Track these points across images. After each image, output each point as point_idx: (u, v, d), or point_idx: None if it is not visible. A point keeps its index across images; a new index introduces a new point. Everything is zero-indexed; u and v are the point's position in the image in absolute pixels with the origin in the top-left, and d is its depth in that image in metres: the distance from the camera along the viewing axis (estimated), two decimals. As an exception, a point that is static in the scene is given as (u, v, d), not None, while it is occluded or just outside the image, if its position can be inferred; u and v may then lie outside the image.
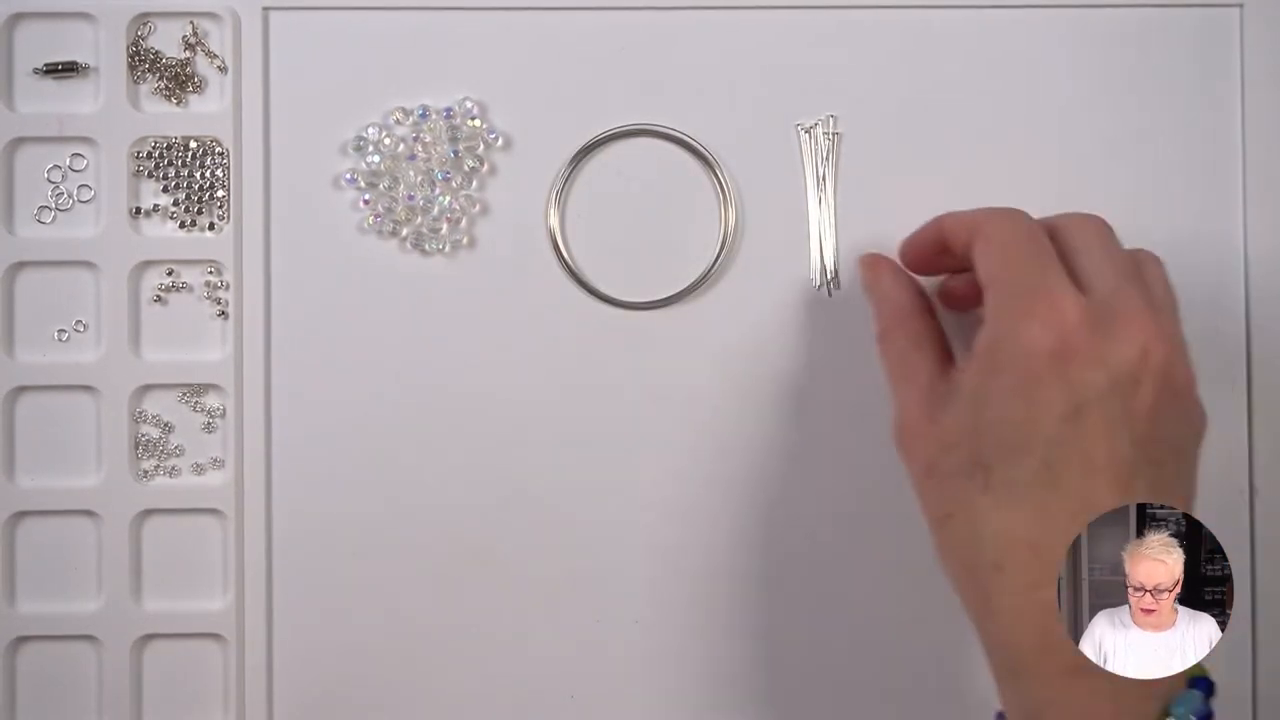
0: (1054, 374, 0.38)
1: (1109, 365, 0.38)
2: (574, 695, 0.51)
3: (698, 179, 0.51)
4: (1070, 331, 0.38)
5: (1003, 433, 0.39)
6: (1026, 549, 0.38)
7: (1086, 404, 0.38)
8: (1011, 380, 0.39)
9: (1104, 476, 0.38)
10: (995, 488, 0.39)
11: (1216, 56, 0.52)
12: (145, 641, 0.51)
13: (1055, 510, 0.38)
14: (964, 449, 0.40)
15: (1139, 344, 0.38)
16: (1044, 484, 0.38)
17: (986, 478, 0.39)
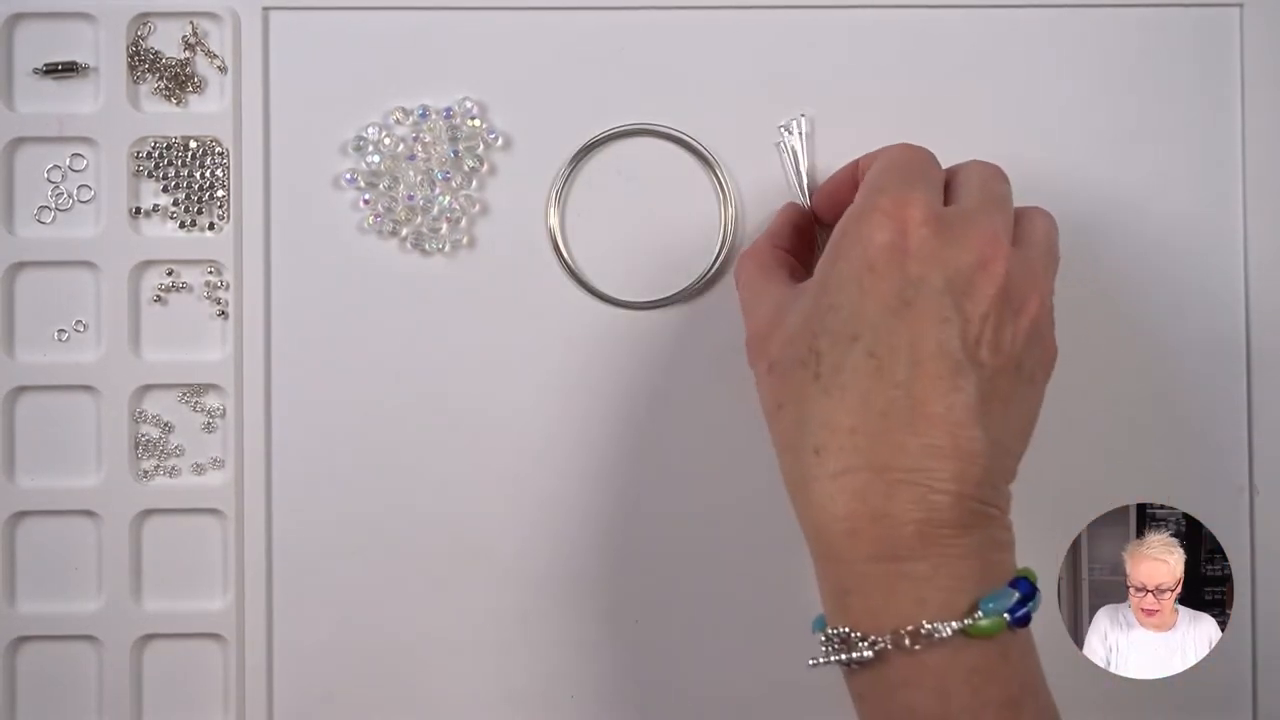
0: (889, 265, 0.39)
1: (944, 266, 0.39)
2: (574, 695, 0.51)
3: (698, 179, 0.51)
4: (911, 228, 0.39)
5: (836, 319, 0.40)
6: (846, 433, 0.39)
7: (918, 298, 0.39)
8: (849, 267, 0.40)
9: (929, 370, 0.39)
10: (824, 374, 0.40)
11: (1216, 56, 0.52)
12: (145, 641, 0.51)
13: (876, 398, 0.39)
14: (802, 339, 0.41)
15: (978, 253, 0.39)
16: (868, 372, 0.39)
17: (818, 365, 0.40)
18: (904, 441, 0.38)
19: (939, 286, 0.39)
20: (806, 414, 0.40)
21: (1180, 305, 0.52)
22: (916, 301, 0.39)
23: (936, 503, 0.38)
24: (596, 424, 0.51)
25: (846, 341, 0.39)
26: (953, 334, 0.39)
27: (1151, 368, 0.52)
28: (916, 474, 0.38)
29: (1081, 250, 0.51)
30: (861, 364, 0.39)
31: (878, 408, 0.39)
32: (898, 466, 0.38)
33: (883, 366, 0.39)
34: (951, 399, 0.38)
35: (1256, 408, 0.51)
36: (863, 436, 0.39)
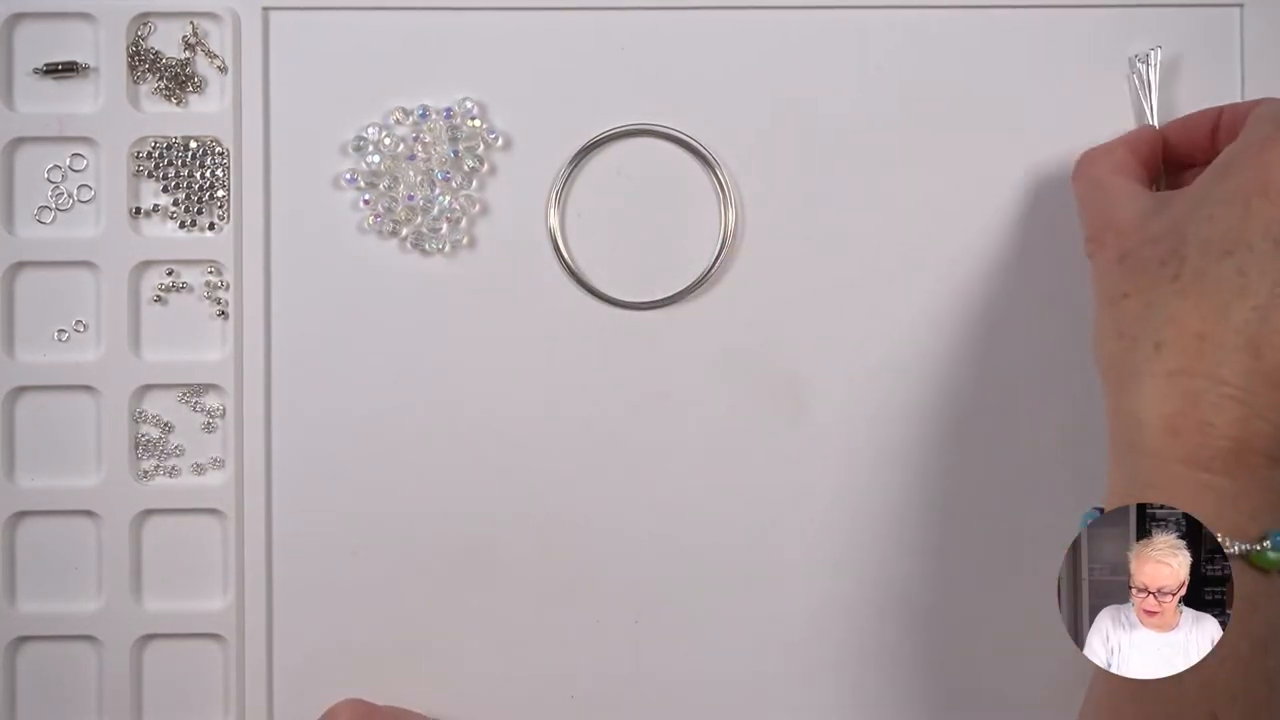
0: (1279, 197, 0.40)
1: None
2: (574, 695, 0.51)
3: (698, 179, 0.51)
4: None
5: (1212, 231, 0.40)
6: (1193, 337, 0.40)
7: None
8: (1237, 187, 0.40)
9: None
10: (1185, 277, 0.40)
11: (1216, 56, 0.52)
12: (145, 641, 0.51)
13: (1233, 313, 0.39)
14: (1167, 241, 0.41)
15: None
16: (1233, 288, 0.40)
17: (1180, 267, 0.41)
18: (1245, 362, 0.39)
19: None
20: (1155, 309, 0.41)
21: (1180, 305, 0.52)
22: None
23: (1258, 428, 0.39)
24: (596, 423, 0.51)
25: (1219, 253, 0.40)
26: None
27: (1152, 368, 0.51)
28: (1248, 394, 0.39)
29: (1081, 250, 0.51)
30: (1228, 277, 0.40)
31: (1232, 323, 0.39)
32: (1233, 383, 0.39)
33: (1248, 286, 0.40)
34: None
35: (1256, 408, 0.51)
36: (1209, 344, 0.40)
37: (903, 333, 0.51)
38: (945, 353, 0.51)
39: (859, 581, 0.51)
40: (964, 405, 0.51)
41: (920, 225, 0.51)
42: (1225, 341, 0.40)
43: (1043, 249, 0.51)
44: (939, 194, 0.51)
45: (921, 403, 0.51)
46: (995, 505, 0.51)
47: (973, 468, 0.51)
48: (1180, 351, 0.40)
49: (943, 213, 0.51)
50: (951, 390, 0.51)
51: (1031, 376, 0.51)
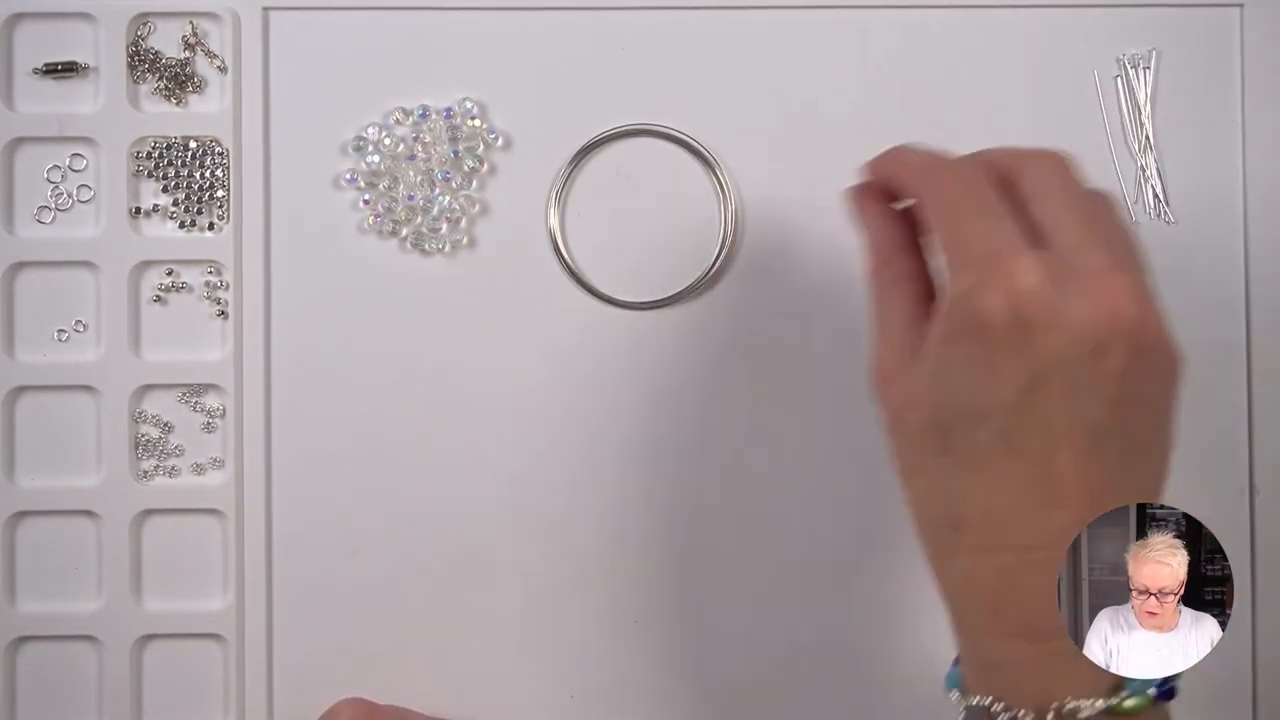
0: (1013, 343, 0.35)
1: (1072, 330, 0.35)
2: (574, 695, 0.51)
3: (698, 179, 0.51)
4: (1029, 298, 0.35)
5: (962, 400, 0.37)
6: (982, 513, 0.37)
7: (1048, 372, 0.35)
8: (970, 351, 0.36)
9: (1066, 443, 0.36)
10: (955, 450, 0.37)
11: (1216, 56, 0.52)
12: (145, 641, 0.51)
13: (1014, 476, 0.36)
14: (926, 408, 0.38)
15: (1106, 305, 0.35)
16: (1003, 451, 0.36)
17: (946, 440, 0.37)
18: (1045, 518, 0.36)
19: (1069, 356, 0.35)
20: (940, 487, 0.38)
21: (1180, 306, 0.52)
22: (1047, 376, 0.35)
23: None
24: (596, 423, 0.51)
25: (976, 421, 0.36)
26: (1090, 402, 0.36)
27: (1151, 368, 0.52)
28: (1060, 549, 0.36)
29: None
30: (995, 444, 0.36)
31: (1015, 487, 0.36)
32: (1040, 545, 0.36)
33: (1016, 446, 0.36)
34: (1090, 469, 0.36)
35: (1256, 408, 0.51)
36: (1002, 516, 0.36)
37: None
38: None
39: (859, 581, 0.51)
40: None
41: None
42: (1015, 508, 0.36)
43: (1043, 249, 0.51)
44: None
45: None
46: (995, 505, 0.51)
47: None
48: (977, 531, 0.37)
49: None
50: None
51: (1031, 377, 0.51)
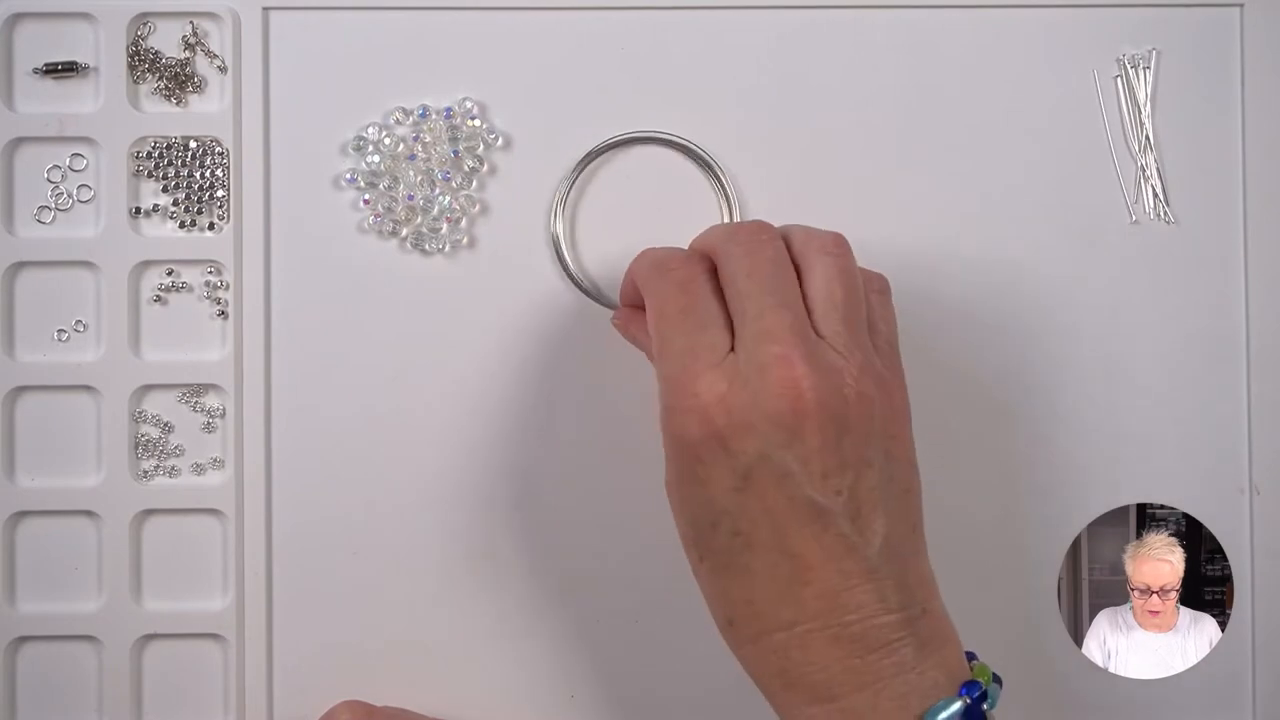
0: (712, 452, 0.38)
1: (761, 425, 0.38)
2: (574, 695, 0.51)
3: (698, 182, 0.51)
4: (715, 412, 0.38)
5: (691, 510, 0.39)
6: (744, 605, 0.39)
7: (751, 468, 0.38)
8: (681, 467, 0.39)
9: (792, 526, 0.38)
10: (705, 556, 0.40)
11: (1216, 56, 0.52)
12: (145, 641, 0.51)
13: (757, 568, 0.38)
14: (679, 520, 0.40)
15: (787, 394, 0.37)
16: (740, 549, 0.39)
17: (697, 548, 0.40)
18: (798, 595, 0.38)
19: (766, 448, 0.38)
20: (708, 588, 0.40)
21: (1180, 305, 0.52)
22: (752, 472, 0.38)
23: (852, 634, 0.38)
24: (596, 424, 0.51)
25: (709, 528, 0.39)
26: (799, 483, 0.38)
27: (1151, 368, 0.52)
28: (822, 619, 0.38)
29: (1080, 251, 0.51)
30: (730, 543, 0.39)
31: (762, 576, 0.38)
32: (802, 620, 0.38)
33: (750, 540, 0.38)
34: (824, 540, 0.38)
35: (1256, 407, 0.52)
36: (760, 604, 0.39)
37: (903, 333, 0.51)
38: (945, 352, 0.51)
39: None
40: (962, 404, 0.51)
41: (920, 226, 0.51)
42: (769, 594, 0.38)
43: (1043, 249, 0.51)
44: (939, 193, 0.51)
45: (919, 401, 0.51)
46: (998, 505, 0.51)
47: (970, 467, 0.51)
48: (746, 622, 0.39)
49: (942, 213, 0.51)
50: (949, 389, 0.51)
51: (1031, 375, 0.51)
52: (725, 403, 0.38)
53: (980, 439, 0.51)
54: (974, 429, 0.51)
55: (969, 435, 0.51)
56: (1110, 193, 0.52)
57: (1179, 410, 0.52)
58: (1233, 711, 0.52)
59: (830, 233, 0.42)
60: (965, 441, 0.51)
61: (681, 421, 0.38)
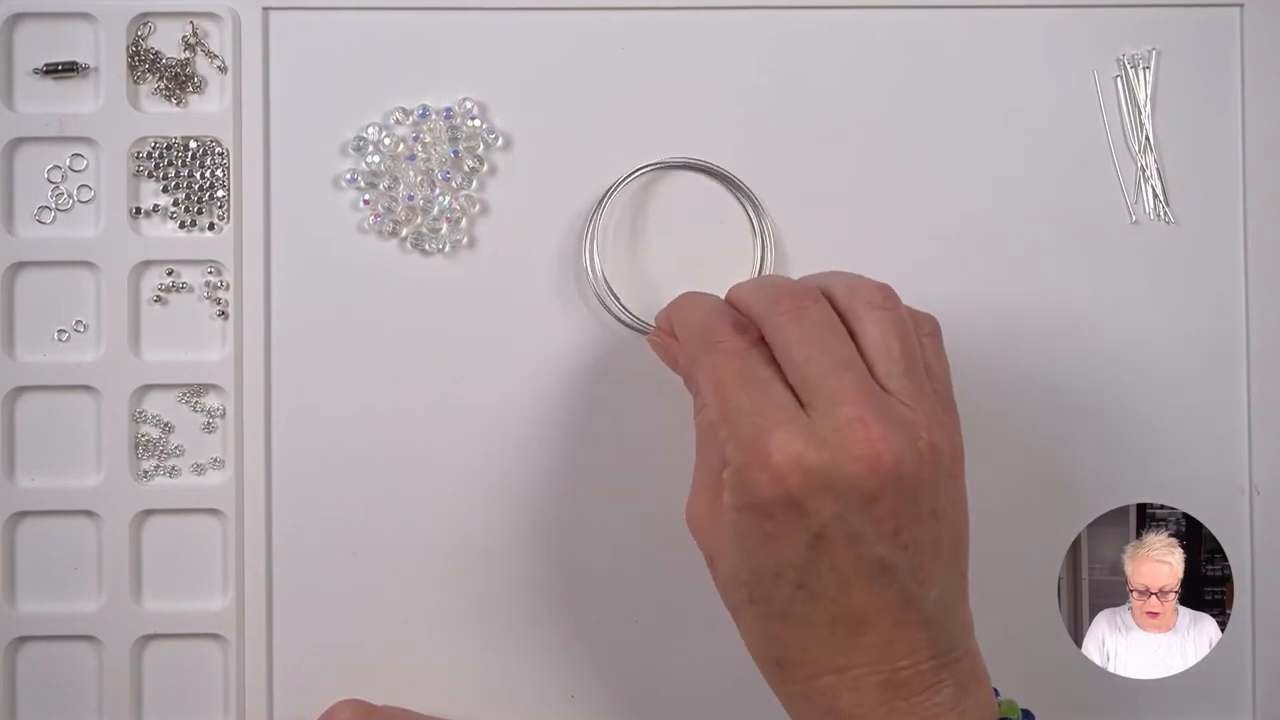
0: (787, 514, 0.38)
1: (838, 489, 0.38)
2: (574, 695, 0.51)
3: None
4: (790, 471, 0.38)
5: (753, 561, 0.39)
6: (798, 650, 0.39)
7: (825, 529, 0.38)
8: (751, 524, 0.39)
9: (858, 583, 0.38)
10: (759, 602, 0.40)
11: (1216, 56, 0.52)
12: (145, 641, 0.51)
13: (816, 618, 0.39)
14: (729, 562, 0.40)
15: (865, 456, 0.38)
16: (802, 600, 0.39)
17: (749, 592, 0.40)
18: (853, 643, 0.39)
19: (842, 510, 0.38)
20: (755, 630, 0.40)
21: (1180, 305, 0.52)
22: (826, 532, 0.38)
23: (901, 679, 0.38)
24: (597, 424, 0.51)
25: (770, 579, 0.39)
26: (871, 542, 0.38)
27: (1152, 368, 0.52)
28: (875, 665, 0.39)
29: (1079, 250, 0.51)
30: (792, 595, 0.39)
31: (820, 625, 0.39)
32: (855, 665, 0.39)
33: (813, 593, 0.39)
34: (885, 595, 0.38)
35: (1256, 408, 0.52)
36: (814, 651, 0.39)
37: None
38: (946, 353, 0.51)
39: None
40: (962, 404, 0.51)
41: (920, 226, 0.51)
42: (824, 641, 0.39)
43: (1043, 249, 0.51)
44: (939, 193, 0.51)
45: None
46: (999, 505, 0.51)
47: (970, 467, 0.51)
48: (796, 665, 0.40)
49: (942, 213, 0.51)
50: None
51: (1031, 375, 0.51)
52: (802, 464, 0.38)
53: (980, 439, 0.51)
54: (973, 429, 0.51)
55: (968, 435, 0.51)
56: (1110, 193, 0.52)
57: (1179, 410, 0.52)
58: (1233, 711, 0.52)
59: (877, 284, 0.42)
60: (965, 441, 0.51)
61: (758, 479, 0.38)
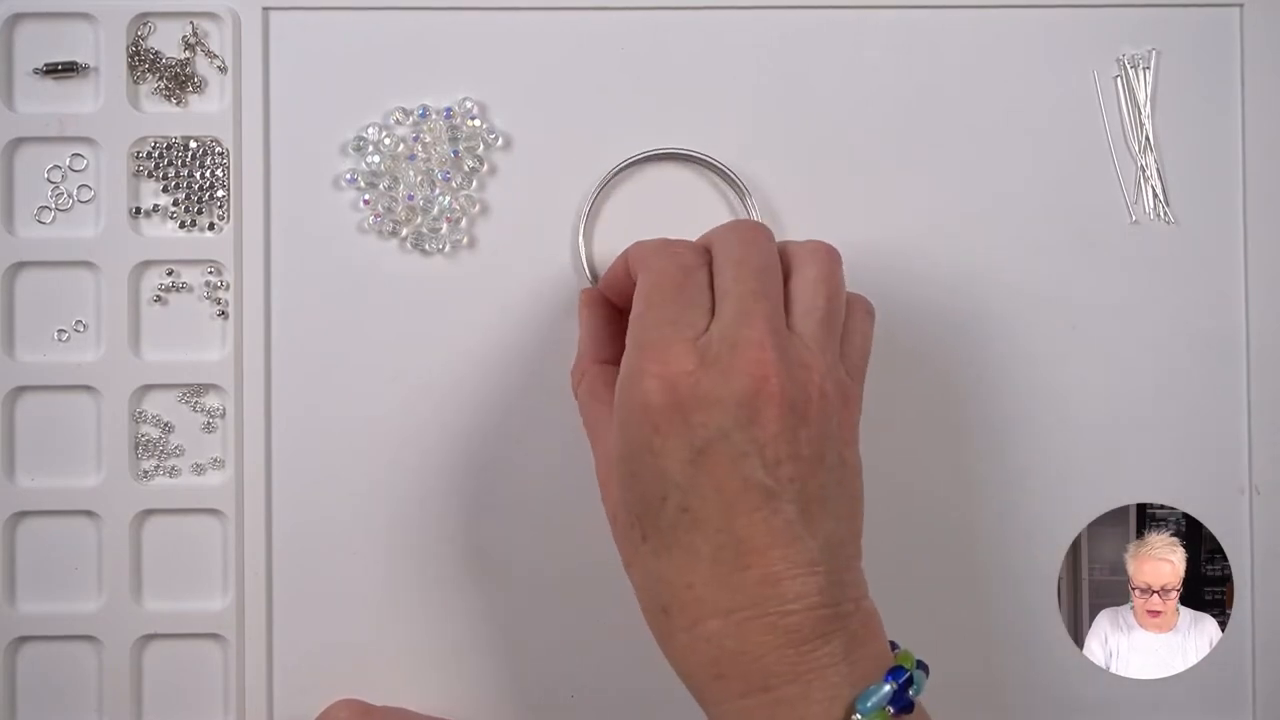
0: (672, 422, 0.39)
1: (724, 402, 0.38)
2: (574, 695, 0.51)
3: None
4: (681, 379, 0.39)
5: (641, 485, 0.40)
6: (684, 590, 0.39)
7: (709, 444, 0.38)
8: (635, 434, 0.39)
9: (742, 506, 0.38)
10: (650, 536, 0.40)
11: (1216, 56, 0.52)
12: (145, 641, 0.51)
13: (701, 547, 0.39)
14: (621, 504, 0.41)
15: (753, 375, 0.38)
16: (687, 526, 0.39)
17: (642, 528, 0.40)
18: (739, 580, 0.38)
19: (726, 426, 0.38)
20: (646, 575, 0.40)
21: (1180, 305, 0.52)
22: (709, 448, 0.38)
23: (789, 624, 0.38)
24: (596, 424, 0.51)
25: (657, 503, 0.39)
26: (754, 465, 0.38)
27: (1151, 368, 0.52)
28: (761, 606, 0.38)
29: (1079, 250, 0.51)
30: (678, 520, 0.39)
31: (706, 557, 0.39)
32: (741, 606, 0.38)
33: (698, 518, 0.39)
34: (771, 523, 0.38)
35: (1256, 408, 0.52)
36: (700, 588, 0.39)
37: (905, 333, 0.51)
38: (944, 352, 0.51)
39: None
40: (962, 404, 0.51)
41: (920, 226, 0.51)
42: (710, 577, 0.39)
43: (1043, 249, 0.51)
44: (940, 193, 0.51)
45: (918, 400, 0.51)
46: (998, 505, 0.51)
47: (970, 467, 0.51)
48: (683, 607, 0.39)
49: (942, 213, 0.51)
50: (949, 389, 0.51)
51: (1031, 375, 0.51)
52: (693, 376, 0.39)
53: (980, 438, 0.51)
54: (973, 429, 0.51)
55: (969, 435, 0.51)
56: (1110, 193, 0.52)
57: (1179, 410, 0.52)
58: (1233, 711, 0.52)
59: (824, 242, 0.43)
60: (965, 441, 0.51)
61: (646, 387, 0.39)
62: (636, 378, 0.40)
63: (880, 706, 0.38)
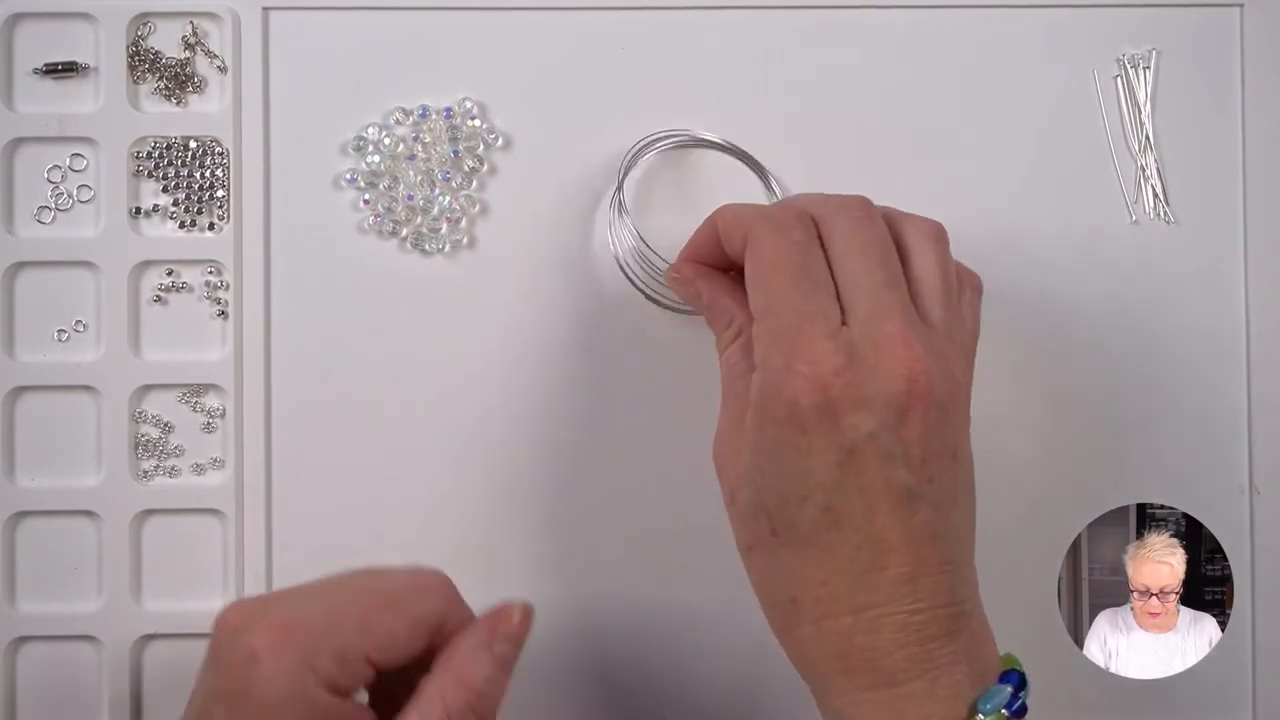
0: (821, 424, 0.38)
1: (874, 405, 0.38)
2: (574, 695, 0.51)
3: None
4: (831, 381, 0.38)
5: (778, 482, 0.39)
6: (818, 585, 0.39)
7: (857, 445, 0.38)
8: (781, 433, 0.39)
9: (884, 507, 0.38)
10: (781, 531, 0.39)
11: (1216, 56, 0.52)
12: (145, 641, 0.51)
13: (840, 547, 0.38)
14: (749, 490, 0.40)
15: (903, 376, 0.38)
16: (826, 526, 0.38)
17: (770, 521, 0.39)
18: (875, 579, 0.38)
19: (874, 428, 0.38)
20: (774, 564, 0.40)
21: (1180, 305, 0.52)
22: (857, 449, 0.38)
23: (919, 622, 0.38)
24: (597, 424, 0.51)
25: (796, 501, 0.39)
26: (899, 467, 0.38)
27: (1151, 368, 0.52)
28: (894, 604, 0.38)
29: (1080, 250, 0.51)
30: (818, 519, 0.38)
31: (843, 556, 0.38)
32: (875, 604, 0.38)
33: (840, 518, 0.38)
34: (909, 525, 0.38)
35: (1256, 408, 0.52)
36: (835, 585, 0.39)
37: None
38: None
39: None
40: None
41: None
42: (846, 574, 0.38)
43: (1043, 249, 0.51)
44: (940, 193, 0.51)
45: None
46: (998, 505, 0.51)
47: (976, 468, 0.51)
48: (814, 602, 0.39)
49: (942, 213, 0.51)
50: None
51: (1030, 375, 0.51)
52: (843, 376, 0.38)
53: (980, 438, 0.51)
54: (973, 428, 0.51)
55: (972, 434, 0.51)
56: (1110, 193, 0.52)
57: (1179, 410, 0.52)
58: (1233, 711, 0.52)
59: (932, 220, 0.42)
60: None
61: (795, 386, 0.38)
62: (783, 374, 0.38)
63: (999, 708, 0.38)
